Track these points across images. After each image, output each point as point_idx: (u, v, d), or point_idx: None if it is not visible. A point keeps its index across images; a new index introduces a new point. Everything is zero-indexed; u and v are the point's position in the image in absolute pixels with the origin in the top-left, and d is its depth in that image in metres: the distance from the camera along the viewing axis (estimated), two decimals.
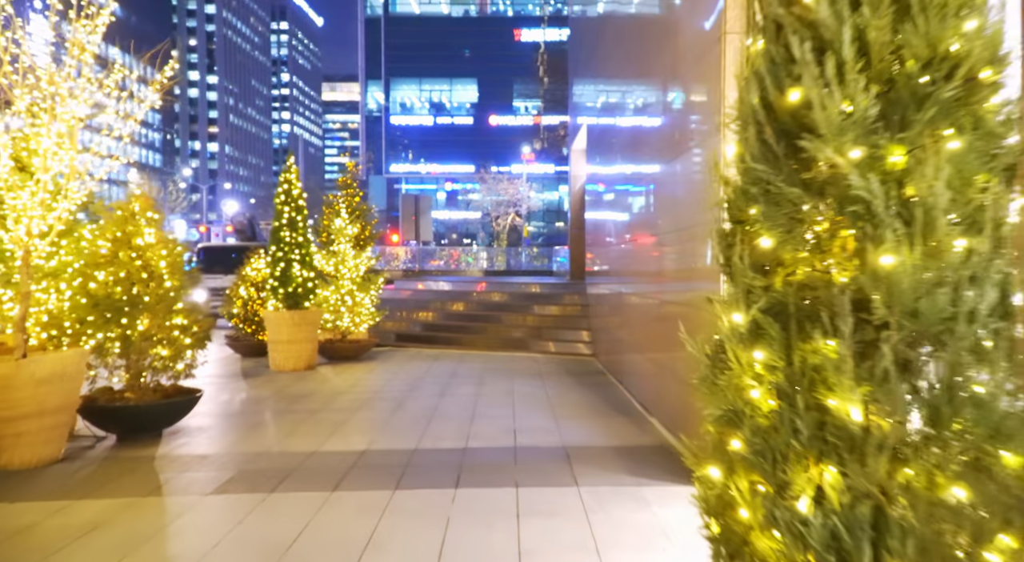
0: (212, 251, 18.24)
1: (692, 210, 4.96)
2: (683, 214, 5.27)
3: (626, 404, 7.23)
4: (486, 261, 33.93)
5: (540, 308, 13.06)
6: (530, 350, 11.62)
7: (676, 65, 5.60)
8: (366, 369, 9.89)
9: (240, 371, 9.76)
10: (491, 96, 67.47)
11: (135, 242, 5.64)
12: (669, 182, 5.67)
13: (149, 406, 5.55)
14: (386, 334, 12.88)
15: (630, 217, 7.75)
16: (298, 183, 9.93)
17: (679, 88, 5.55)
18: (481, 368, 9.89)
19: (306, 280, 9.81)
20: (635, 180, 7.38)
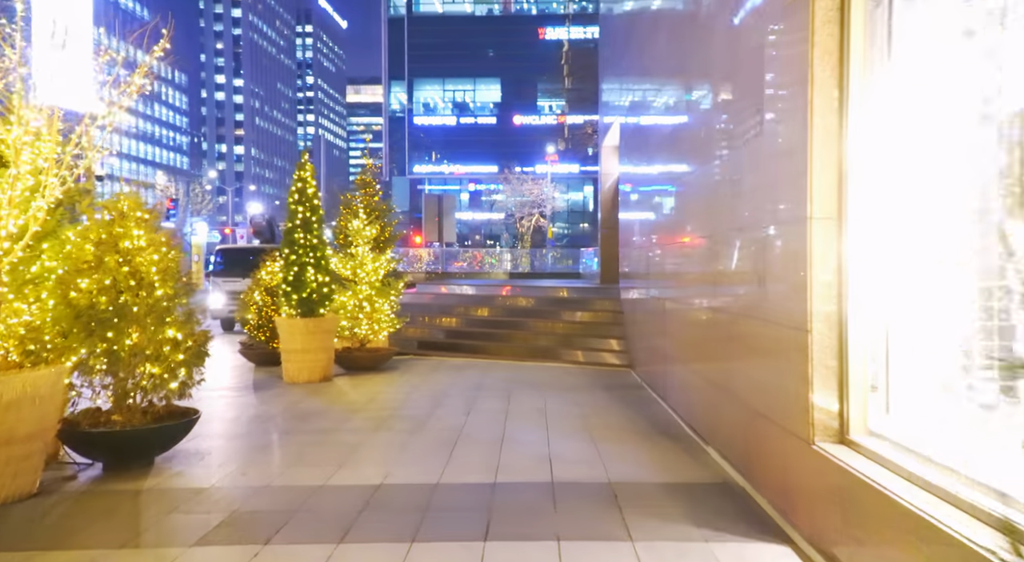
0: (230, 253, 17.73)
1: (781, 202, 4.18)
2: (766, 208, 4.48)
3: (672, 425, 6.45)
4: (510, 263, 33.27)
5: (569, 314, 12.31)
6: (560, 359, 10.86)
7: (750, 31, 4.83)
8: (385, 381, 9.21)
9: (251, 383, 9.14)
10: (515, 95, 66.74)
11: (122, 245, 5.00)
12: (746, 169, 4.89)
13: (137, 431, 4.90)
14: (407, 341, 12.21)
15: (679, 215, 6.96)
16: (313, 181, 9.29)
17: (758, 49, 4.77)
18: (508, 380, 9.16)
19: (321, 285, 9.17)
20: (684, 173, 6.60)
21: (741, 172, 4.75)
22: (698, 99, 6.12)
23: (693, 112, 6.28)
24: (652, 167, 8.47)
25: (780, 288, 3.97)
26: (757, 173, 4.42)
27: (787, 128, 3.87)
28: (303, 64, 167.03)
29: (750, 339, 4.48)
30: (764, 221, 4.25)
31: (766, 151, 4.22)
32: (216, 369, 10.40)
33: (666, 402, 7.37)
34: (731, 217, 4.98)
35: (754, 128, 4.43)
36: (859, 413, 3.43)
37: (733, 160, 4.92)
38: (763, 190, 4.31)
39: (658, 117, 8.09)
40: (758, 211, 4.38)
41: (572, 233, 64.88)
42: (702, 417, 5.84)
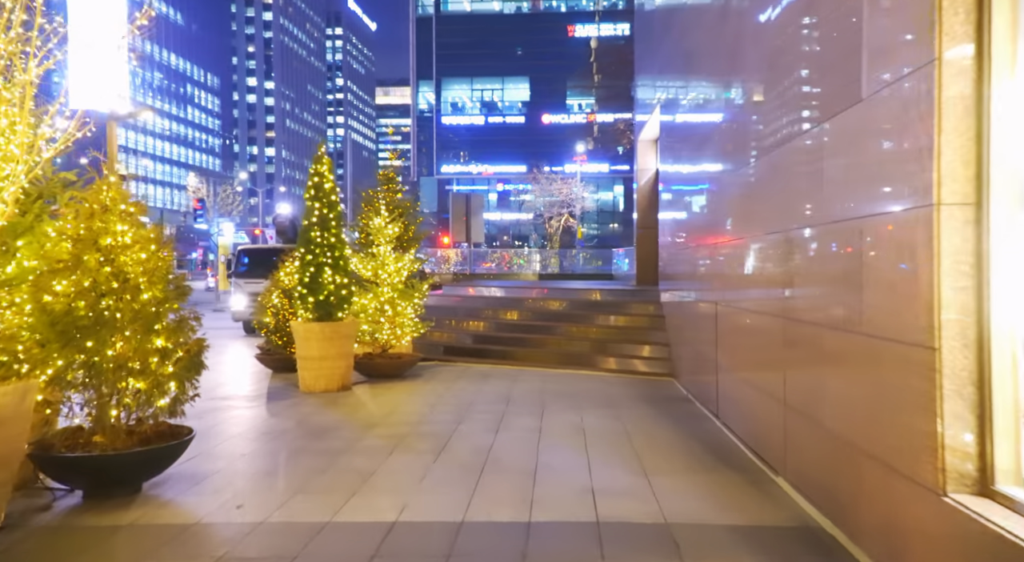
0: (253, 253, 17.25)
1: (888, 186, 3.40)
2: (865, 195, 3.70)
3: (730, 448, 5.66)
4: (539, 264, 32.54)
5: (604, 318, 11.52)
6: (594, 367, 10.10)
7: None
8: (407, 390, 8.54)
9: (265, 392, 8.53)
10: (543, 94, 65.93)
11: (104, 242, 4.38)
12: (831, 150, 4.10)
13: (120, 456, 4.27)
14: (433, 346, 11.55)
15: (735, 210, 6.16)
16: (330, 176, 8.66)
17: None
18: (540, 390, 8.43)
19: (339, 287, 8.53)
20: (742, 162, 5.81)
21: (823, 155, 3.96)
22: (761, 71, 5.32)
23: (753, 89, 5.48)
24: (700, 157, 7.66)
25: (888, 294, 3.18)
26: (850, 154, 3.62)
27: (899, 95, 3.08)
28: (333, 66, 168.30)
29: (841, 356, 3.69)
30: (861, 211, 3.46)
31: (864, 126, 3.43)
32: (231, 376, 9.86)
33: (718, 419, 6.58)
34: (810, 209, 4.19)
35: (844, 99, 3.64)
36: (1009, 456, 2.64)
37: (812, 141, 4.13)
38: (859, 174, 3.52)
39: (708, 100, 7.29)
40: (852, 199, 3.59)
41: (601, 233, 63.90)
42: (768, 441, 5.05)
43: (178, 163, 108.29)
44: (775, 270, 4.83)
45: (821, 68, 4.09)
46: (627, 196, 64.87)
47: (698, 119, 7.76)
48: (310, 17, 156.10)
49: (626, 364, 9.93)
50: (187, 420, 6.26)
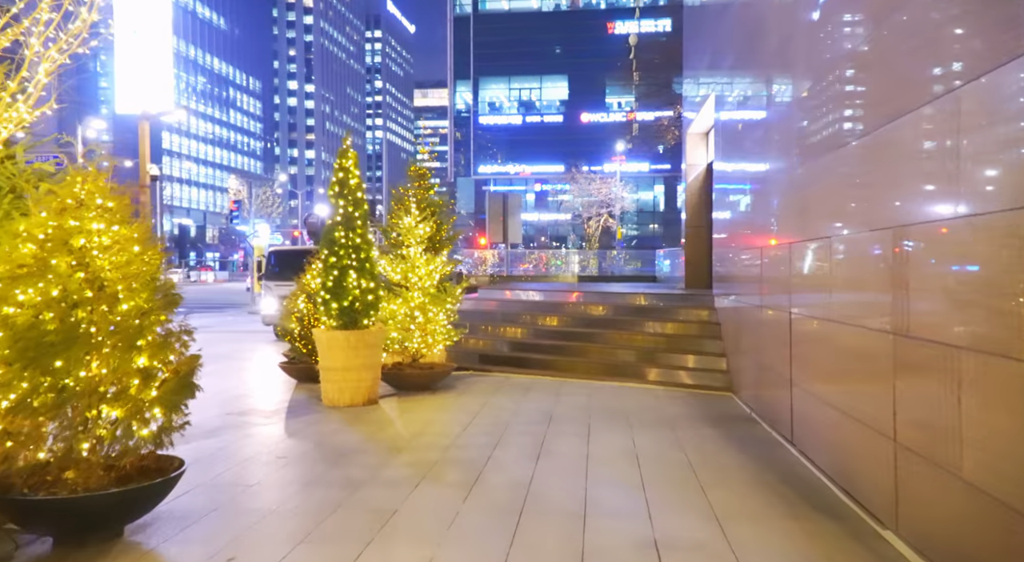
0: (283, 255, 16.77)
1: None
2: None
3: (815, 486, 4.77)
4: (578, 265, 31.64)
5: (652, 325, 10.63)
6: (642, 378, 9.23)
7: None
8: (439, 405, 7.80)
9: (286, 405, 7.88)
10: (582, 92, 64.82)
11: (76, 243, 3.72)
12: (970, 123, 3.22)
13: (92, 498, 3.60)
14: (468, 354, 10.81)
15: (817, 203, 5.26)
16: (356, 171, 7.98)
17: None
18: (585, 406, 7.61)
19: (366, 291, 7.84)
20: (832, 147, 4.91)
21: (960, 127, 3.07)
22: (852, 35, 4.42)
23: (853, 55, 4.59)
24: (768, 146, 6.75)
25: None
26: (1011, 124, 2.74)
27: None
28: (372, 69, 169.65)
29: (992, 389, 2.81)
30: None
31: None
32: (253, 386, 9.26)
33: (794, 446, 5.68)
34: (937, 196, 3.31)
35: (988, 60, 2.76)
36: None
37: (945, 109, 3.24)
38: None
39: (779, 82, 6.39)
40: (1012, 183, 2.71)
41: (641, 234, 62.58)
42: (870, 484, 4.15)
43: (220, 166, 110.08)
44: (880, 275, 3.94)
45: (927, 29, 3.21)
46: (668, 196, 63.45)
47: (767, 102, 6.85)
48: (350, 20, 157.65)
49: (677, 376, 9.04)
50: (197, 439, 5.65)
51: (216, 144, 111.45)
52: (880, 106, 3.99)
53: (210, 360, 11.18)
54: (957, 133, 3.10)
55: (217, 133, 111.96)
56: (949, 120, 3.18)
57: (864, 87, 4.30)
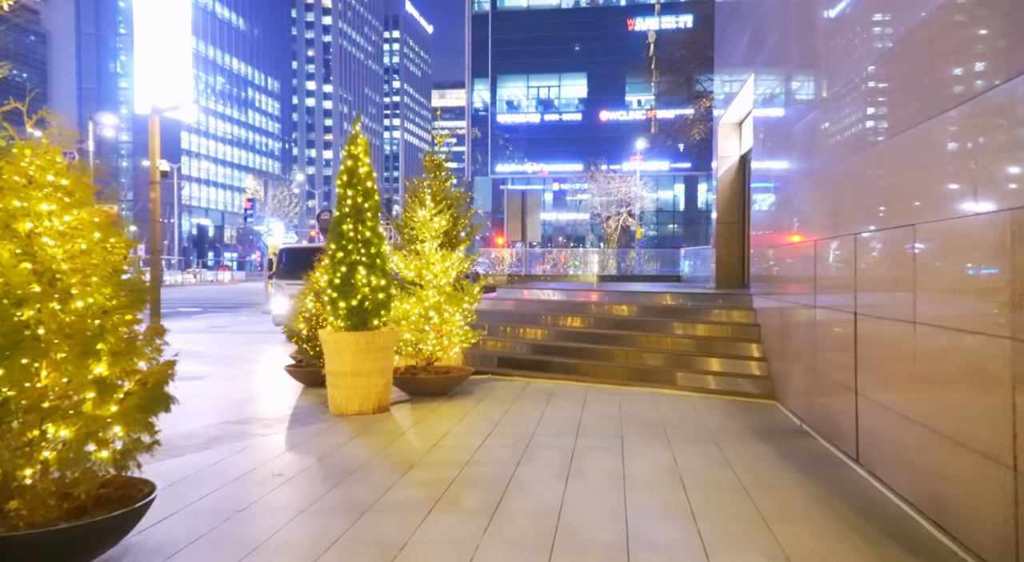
0: (295, 253, 16.22)
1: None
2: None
3: (897, 517, 4.06)
4: (598, 265, 30.91)
5: (683, 326, 9.90)
6: (673, 384, 8.53)
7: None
8: (455, 415, 7.15)
9: (289, 413, 7.28)
10: (601, 90, 63.96)
11: (21, 228, 3.11)
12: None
13: (35, 535, 2.98)
14: (486, 357, 10.17)
15: (889, 191, 4.54)
16: (367, 159, 7.36)
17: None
18: (615, 415, 6.93)
19: (376, 289, 7.22)
20: (904, 124, 4.19)
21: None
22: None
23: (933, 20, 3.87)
24: (830, 123, 6.03)
25: None
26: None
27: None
28: (390, 70, 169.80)
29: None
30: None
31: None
32: (258, 391, 8.67)
33: (863, 466, 4.96)
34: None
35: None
36: None
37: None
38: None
39: (840, 44, 5.66)
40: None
41: (660, 234, 61.66)
42: (977, 520, 3.44)
43: (239, 166, 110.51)
44: (994, 268, 3.23)
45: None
46: (688, 195, 62.49)
47: (828, 72, 6.12)
48: (368, 21, 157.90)
49: (713, 382, 8.33)
50: (190, 452, 5.09)
51: (235, 144, 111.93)
52: (1006, 56, 3.28)
53: (217, 363, 10.57)
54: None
55: (236, 133, 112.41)
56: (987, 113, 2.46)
57: (984, 30, 3.59)
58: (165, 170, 17.73)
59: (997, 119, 3.25)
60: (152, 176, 18.27)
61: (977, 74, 3.52)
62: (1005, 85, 3.16)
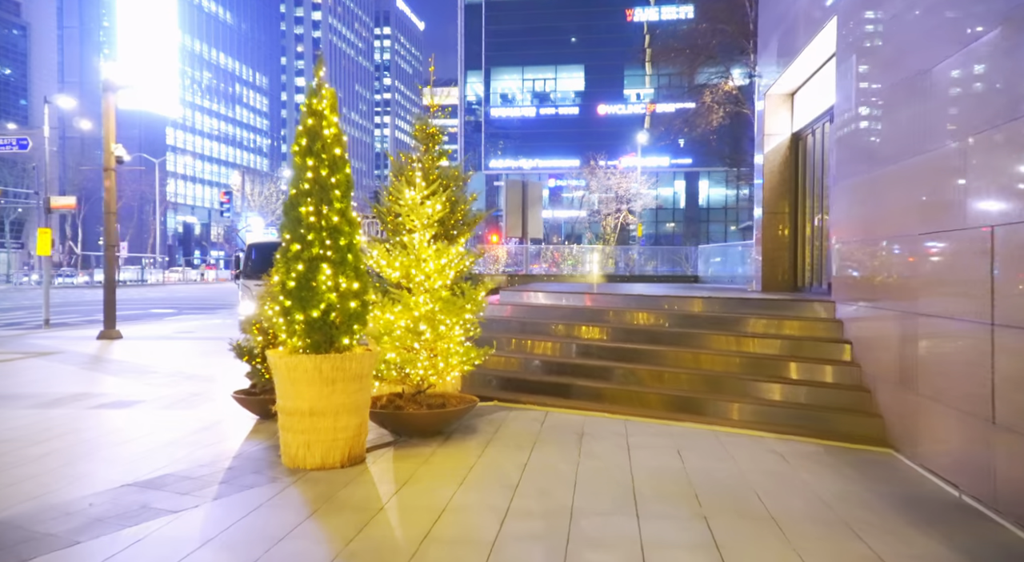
0: (265, 250, 14.18)
1: None
2: None
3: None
4: (599, 264, 28.94)
5: (736, 341, 7.93)
6: (737, 419, 6.58)
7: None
8: (455, 470, 5.16)
9: (227, 466, 5.26)
10: (599, 83, 61.96)
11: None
12: None
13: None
14: (486, 377, 8.22)
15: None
16: (334, 118, 5.37)
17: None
18: (680, 474, 4.97)
19: (347, 295, 5.24)
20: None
21: None
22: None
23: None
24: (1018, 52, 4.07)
25: None
26: None
27: None
28: (380, 66, 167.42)
29: None
30: None
31: None
32: (191, 427, 6.57)
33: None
34: None
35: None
36: None
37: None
38: None
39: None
40: None
41: (659, 232, 59.80)
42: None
43: (226, 163, 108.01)
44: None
45: None
46: (689, 192, 60.61)
47: None
48: (359, 17, 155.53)
49: (788, 416, 6.39)
50: (42, 555, 3.00)
51: (222, 140, 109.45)
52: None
53: (162, 382, 8.42)
54: None
55: (223, 129, 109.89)
56: None
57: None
58: (121, 155, 15.64)
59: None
60: (106, 162, 16.17)
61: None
62: None
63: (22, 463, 5.24)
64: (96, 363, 11.14)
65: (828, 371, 6.67)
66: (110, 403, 7.65)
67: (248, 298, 13.01)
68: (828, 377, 6.63)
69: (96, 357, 11.90)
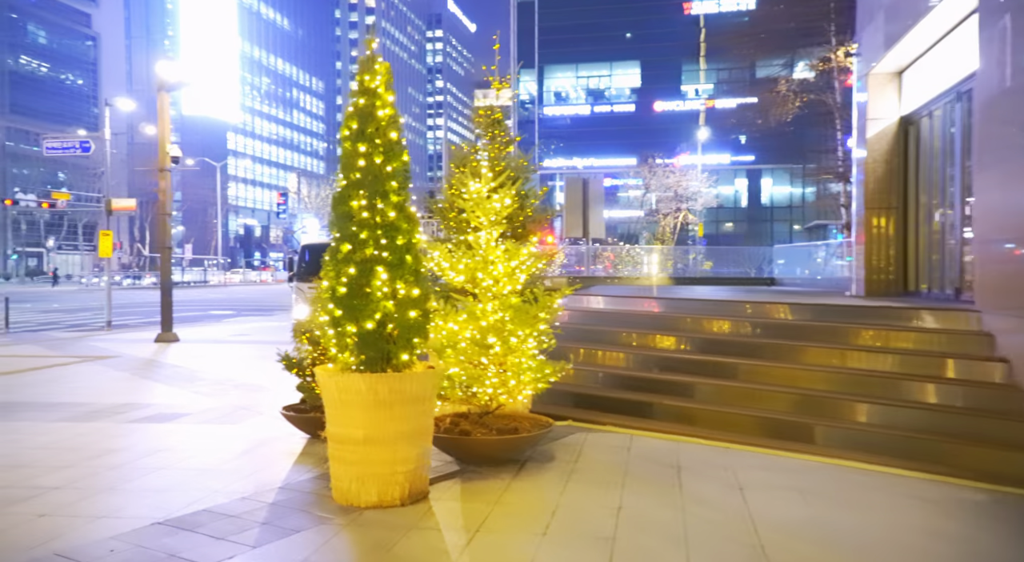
0: (319, 251, 13.67)
1: None
2: None
3: None
4: (658, 265, 27.71)
5: (856, 357, 6.85)
6: (846, 449, 5.55)
7: None
8: (534, 516, 4.31)
9: (270, 502, 4.54)
10: (655, 79, 60.30)
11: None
12: None
13: None
14: (552, 391, 7.34)
15: None
16: (389, 97, 4.60)
17: None
18: (814, 529, 4.01)
19: (405, 304, 4.46)
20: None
21: None
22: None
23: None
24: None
25: None
26: None
27: None
28: (432, 69, 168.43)
29: None
30: None
31: None
32: (236, 450, 5.87)
33: None
34: None
35: None
36: None
37: None
38: None
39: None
40: None
41: (719, 232, 57.80)
42: None
43: (284, 166, 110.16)
44: None
45: None
46: (751, 190, 58.43)
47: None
48: (411, 20, 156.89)
49: (915, 448, 5.32)
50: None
51: (280, 144, 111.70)
52: None
53: (210, 391, 7.82)
54: None
55: (280, 133, 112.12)
56: None
57: None
58: (176, 155, 15.38)
59: None
60: (161, 162, 15.93)
61: None
62: None
63: (37, 494, 4.61)
64: (146, 369, 10.74)
65: (975, 394, 5.57)
66: (150, 416, 7.10)
67: (301, 301, 12.51)
68: (976, 402, 5.54)
69: (148, 361, 11.53)
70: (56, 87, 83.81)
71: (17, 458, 5.48)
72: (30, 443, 5.94)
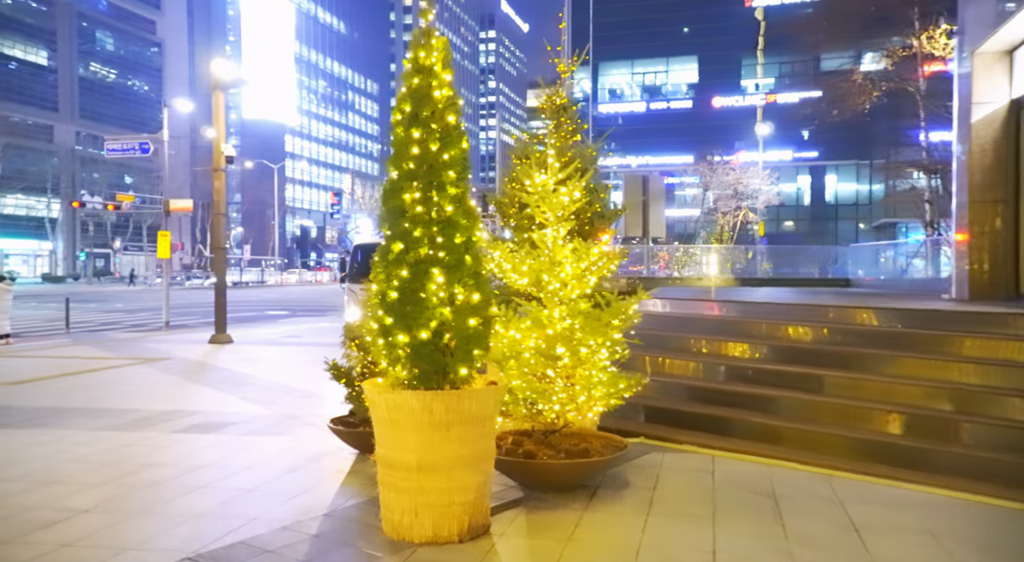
0: (370, 251, 13.30)
1: None
2: None
3: None
4: (718, 265, 26.58)
5: (934, 365, 6.03)
6: (972, 479, 4.76)
7: None
8: (616, 555, 3.70)
9: (312, 533, 4.05)
10: (714, 74, 58.60)
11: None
12: None
13: None
14: (624, 407, 6.69)
15: None
16: (446, 76, 4.06)
17: None
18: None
19: (464, 310, 3.92)
20: None
21: None
22: None
23: None
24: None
25: None
26: None
27: None
28: (485, 70, 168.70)
29: None
30: None
31: None
32: (281, 466, 5.43)
33: None
34: None
35: None
36: None
37: None
38: None
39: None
40: None
41: (779, 231, 55.76)
42: None
43: (339, 168, 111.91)
44: None
45: None
46: (815, 187, 56.26)
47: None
48: (464, 21, 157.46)
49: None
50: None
51: (335, 146, 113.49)
52: None
53: (259, 398, 7.20)
54: None
55: (336, 135, 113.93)
56: None
57: None
58: (231, 155, 15.29)
59: None
60: (216, 162, 15.86)
61: None
62: None
63: (65, 518, 4.24)
64: (198, 372, 10.53)
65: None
66: (196, 425, 6.76)
67: (353, 303, 12.18)
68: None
69: (200, 364, 11.35)
70: (123, 92, 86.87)
71: (53, 473, 5.15)
72: (69, 455, 5.63)
